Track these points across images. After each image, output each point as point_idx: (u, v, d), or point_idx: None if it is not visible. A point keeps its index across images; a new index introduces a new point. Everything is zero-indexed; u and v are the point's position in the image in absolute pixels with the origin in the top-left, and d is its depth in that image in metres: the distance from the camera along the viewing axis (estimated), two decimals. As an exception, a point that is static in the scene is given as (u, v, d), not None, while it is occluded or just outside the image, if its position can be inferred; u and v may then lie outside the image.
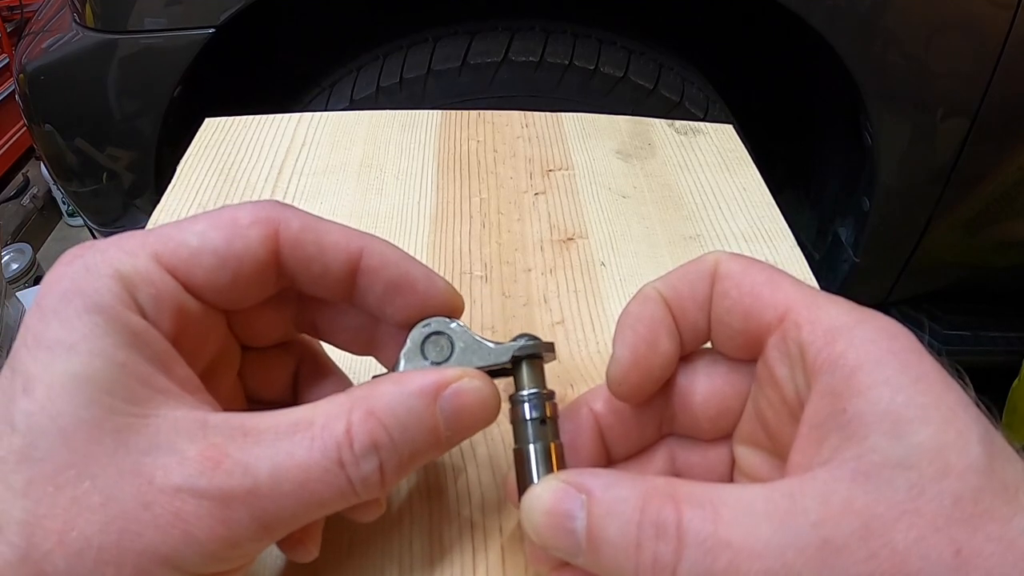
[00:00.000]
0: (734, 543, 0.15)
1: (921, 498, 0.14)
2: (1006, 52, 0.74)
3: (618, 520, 0.16)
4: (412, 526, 0.24)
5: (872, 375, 0.16)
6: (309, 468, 0.16)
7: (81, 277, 0.17)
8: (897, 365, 0.16)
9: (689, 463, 0.22)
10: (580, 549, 0.16)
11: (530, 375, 0.21)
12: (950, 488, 0.14)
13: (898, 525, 0.14)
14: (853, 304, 0.18)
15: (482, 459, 0.26)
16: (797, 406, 0.18)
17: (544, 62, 0.78)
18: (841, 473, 0.15)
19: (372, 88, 0.78)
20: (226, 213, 0.19)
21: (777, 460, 0.20)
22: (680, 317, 0.20)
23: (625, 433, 0.22)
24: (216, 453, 0.16)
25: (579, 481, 0.17)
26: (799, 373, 0.18)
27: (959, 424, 0.15)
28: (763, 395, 0.19)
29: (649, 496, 0.16)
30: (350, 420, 0.17)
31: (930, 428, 0.15)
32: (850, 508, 0.15)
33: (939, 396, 0.15)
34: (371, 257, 0.20)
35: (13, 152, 1.91)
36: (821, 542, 0.14)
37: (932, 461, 0.15)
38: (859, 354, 0.16)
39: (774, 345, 0.19)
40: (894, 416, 0.15)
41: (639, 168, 0.44)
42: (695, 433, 0.22)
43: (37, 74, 0.81)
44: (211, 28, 0.75)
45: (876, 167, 0.83)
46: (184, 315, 0.19)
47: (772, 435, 0.19)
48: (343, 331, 0.23)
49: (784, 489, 0.15)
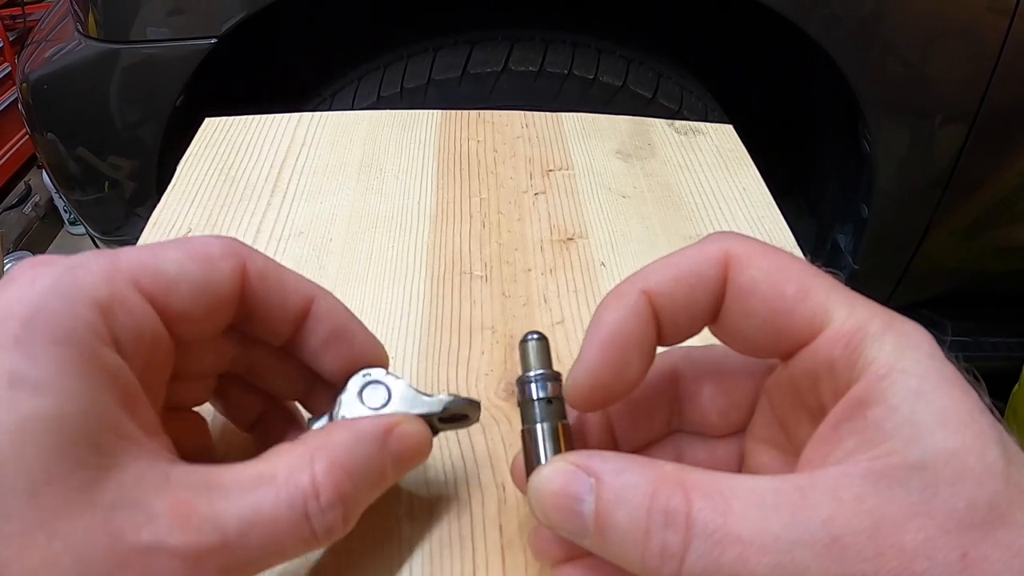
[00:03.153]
0: (743, 536, 0.14)
1: (934, 500, 0.14)
2: (1004, 57, 0.75)
3: (627, 506, 0.16)
4: (412, 526, 0.24)
5: (897, 384, 0.16)
6: (276, 520, 0.17)
7: (51, 302, 0.16)
8: (921, 373, 0.16)
9: (697, 458, 0.22)
10: (588, 532, 0.16)
11: (537, 356, 0.21)
12: (965, 492, 0.14)
13: (908, 526, 0.14)
14: (878, 308, 0.17)
15: (482, 458, 0.26)
16: (817, 408, 0.18)
17: (544, 71, 0.79)
18: (855, 471, 0.15)
19: (373, 98, 0.79)
20: (197, 244, 0.19)
21: (789, 458, 0.19)
22: (667, 324, 0.19)
23: (633, 426, 0.21)
24: (184, 509, 0.16)
25: (588, 464, 0.17)
26: (825, 379, 0.17)
27: (977, 428, 0.15)
28: (781, 395, 0.19)
29: (660, 483, 0.16)
30: (313, 472, 0.17)
31: (947, 431, 0.15)
32: (861, 506, 0.14)
33: (958, 401, 0.15)
34: (320, 304, 0.21)
35: (15, 161, 1.92)
36: (830, 539, 0.14)
37: (948, 463, 0.15)
38: (885, 362, 0.16)
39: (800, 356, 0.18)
40: (913, 424, 0.15)
41: (639, 168, 0.44)
42: (704, 429, 0.21)
43: (40, 83, 0.82)
44: (213, 38, 0.75)
45: (875, 174, 0.83)
46: (156, 347, 0.18)
47: (789, 435, 0.19)
48: (277, 375, 0.23)
49: (796, 483, 0.15)
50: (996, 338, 0.97)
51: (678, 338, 0.19)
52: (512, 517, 0.24)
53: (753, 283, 0.18)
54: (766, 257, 0.18)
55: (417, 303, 0.34)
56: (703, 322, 0.19)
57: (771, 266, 0.18)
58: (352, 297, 0.34)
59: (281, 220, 0.39)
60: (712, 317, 0.19)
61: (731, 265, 0.18)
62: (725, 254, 0.18)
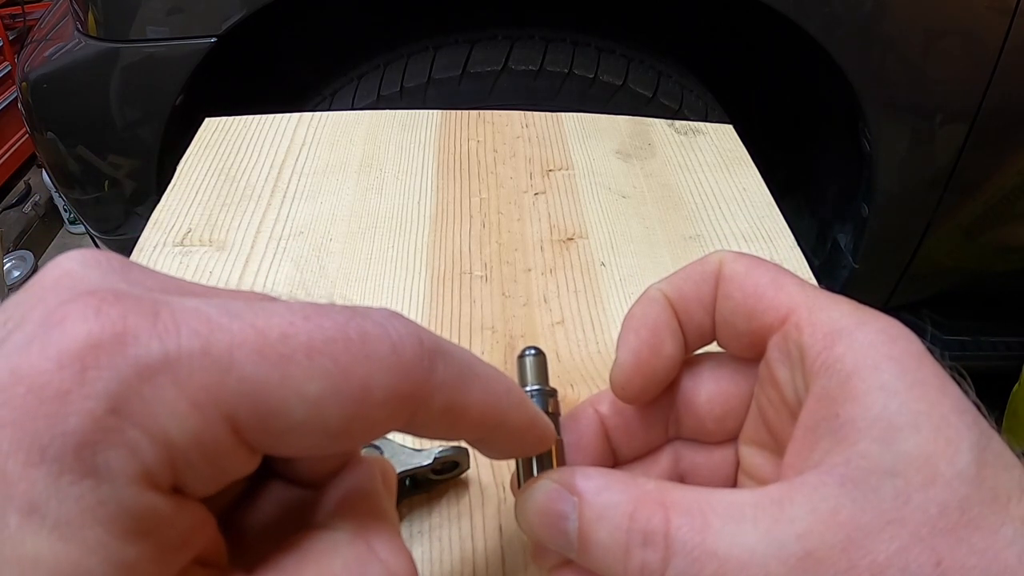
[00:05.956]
0: (720, 553, 0.15)
1: (906, 507, 0.14)
2: (1004, 57, 0.75)
3: (608, 525, 0.16)
4: (411, 526, 0.24)
5: (867, 380, 0.16)
6: None
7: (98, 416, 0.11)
8: (894, 370, 0.16)
9: (694, 464, 0.22)
10: (573, 548, 0.17)
11: (534, 371, 0.21)
12: (936, 497, 0.14)
13: (881, 535, 0.14)
14: (856, 305, 0.18)
15: (482, 459, 0.26)
16: (797, 407, 0.18)
17: (544, 71, 0.79)
18: (830, 479, 0.15)
19: (373, 97, 0.79)
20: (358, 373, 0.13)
21: (780, 459, 0.20)
22: (685, 319, 0.20)
23: (631, 435, 0.22)
24: None
25: (572, 482, 0.17)
26: (799, 375, 0.18)
27: (950, 432, 0.15)
28: (765, 395, 0.20)
29: (639, 502, 0.16)
30: None
31: (920, 436, 0.15)
32: (835, 519, 0.14)
33: (933, 403, 0.15)
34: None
35: (15, 160, 1.92)
36: (804, 554, 0.14)
37: (920, 469, 0.15)
38: (856, 358, 0.16)
39: (775, 346, 0.19)
40: (885, 423, 0.15)
41: (639, 168, 0.44)
42: (700, 435, 0.22)
43: (39, 82, 0.82)
44: (213, 37, 0.75)
45: (875, 173, 0.83)
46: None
47: (774, 435, 0.20)
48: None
49: (774, 495, 0.15)
50: (996, 337, 0.97)
51: (696, 331, 0.21)
52: (512, 517, 0.24)
53: (733, 273, 0.19)
54: (751, 259, 0.20)
55: (417, 303, 0.34)
56: (712, 315, 0.20)
57: (753, 263, 0.20)
58: (352, 297, 0.34)
59: (281, 220, 0.39)
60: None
61: (723, 262, 0.20)
62: (720, 258, 0.20)
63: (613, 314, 0.34)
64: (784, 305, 0.18)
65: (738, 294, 0.19)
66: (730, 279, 0.20)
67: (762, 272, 0.19)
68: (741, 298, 0.19)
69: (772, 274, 0.19)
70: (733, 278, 0.19)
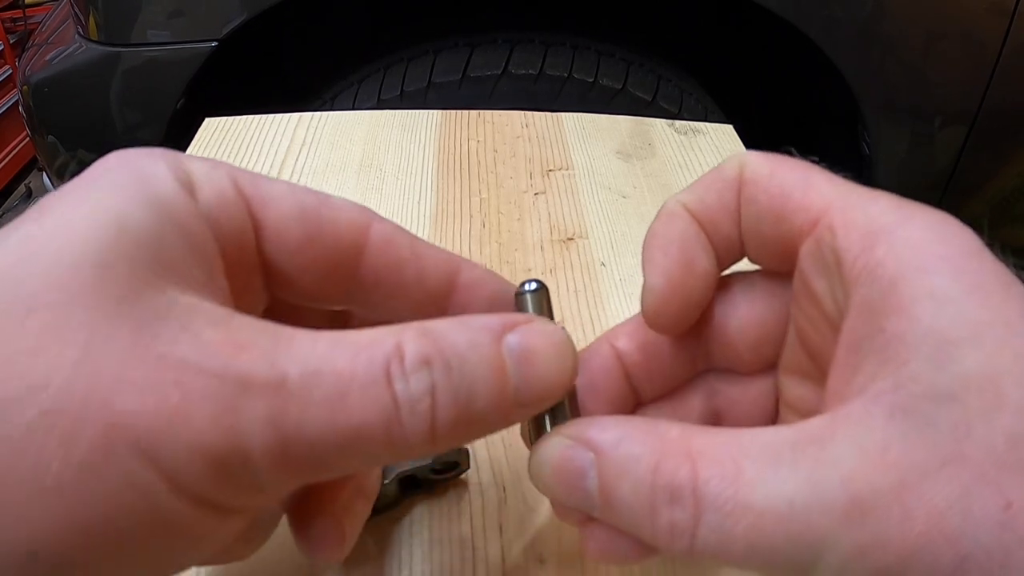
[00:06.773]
0: (755, 505, 0.13)
1: (967, 440, 0.12)
2: (1003, 59, 0.75)
3: (630, 481, 0.14)
4: (411, 526, 0.24)
5: (915, 286, 0.13)
6: (350, 378, 0.13)
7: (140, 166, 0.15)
8: (947, 272, 0.13)
9: (730, 400, 0.19)
10: (596, 506, 0.15)
11: (536, 309, 0.18)
12: (1003, 426, 0.12)
13: (939, 477, 0.12)
14: (899, 200, 0.15)
15: (482, 459, 0.26)
16: (839, 323, 0.15)
17: (544, 74, 0.79)
18: (877, 409, 0.13)
19: (373, 100, 0.79)
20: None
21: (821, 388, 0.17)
22: (712, 231, 0.18)
23: (655, 372, 0.19)
24: (241, 340, 0.13)
25: (587, 437, 0.15)
26: (837, 285, 0.15)
27: (1018, 344, 0.12)
28: (803, 313, 0.17)
29: (663, 454, 0.14)
30: (401, 337, 0.14)
31: (981, 351, 0.12)
32: (885, 458, 0.12)
33: (996, 310, 0.13)
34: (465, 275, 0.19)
35: (16, 163, 1.92)
36: (850, 502, 0.12)
37: (982, 392, 0.12)
38: (901, 261, 0.14)
39: (808, 253, 0.16)
40: (938, 336, 0.13)
41: (639, 168, 0.44)
42: (734, 365, 0.19)
43: (40, 86, 0.82)
44: (214, 41, 0.75)
45: (874, 176, 0.83)
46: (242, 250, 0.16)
47: (816, 360, 0.17)
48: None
49: (815, 431, 0.13)
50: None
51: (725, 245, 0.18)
52: (512, 517, 0.24)
53: (757, 175, 0.17)
54: (776, 157, 0.17)
55: (417, 302, 0.34)
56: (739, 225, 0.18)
57: (778, 161, 0.17)
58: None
59: (281, 220, 0.39)
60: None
61: (744, 165, 0.18)
62: (741, 161, 0.18)
63: (613, 314, 0.34)
64: (815, 205, 0.16)
65: (763, 197, 0.17)
66: (753, 182, 0.17)
67: (788, 171, 0.17)
68: (767, 201, 0.17)
69: (800, 172, 0.17)
70: (757, 181, 0.17)
